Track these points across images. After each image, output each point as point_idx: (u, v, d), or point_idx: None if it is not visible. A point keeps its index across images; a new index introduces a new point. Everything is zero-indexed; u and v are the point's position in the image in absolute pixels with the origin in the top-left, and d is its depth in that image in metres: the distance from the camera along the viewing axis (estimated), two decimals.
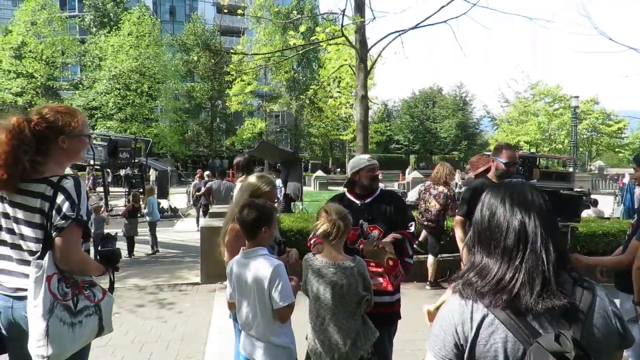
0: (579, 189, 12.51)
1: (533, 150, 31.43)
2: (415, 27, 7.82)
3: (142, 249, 9.14)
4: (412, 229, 2.95)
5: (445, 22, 7.78)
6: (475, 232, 1.29)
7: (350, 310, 2.17)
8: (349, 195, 3.01)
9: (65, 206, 1.84)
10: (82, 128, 2.03)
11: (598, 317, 1.14)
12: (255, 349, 2.31)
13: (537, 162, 5.96)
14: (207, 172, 14.21)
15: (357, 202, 2.92)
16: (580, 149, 35.24)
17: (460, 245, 4.09)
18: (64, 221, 1.82)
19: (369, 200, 2.92)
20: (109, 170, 20.51)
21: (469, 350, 1.15)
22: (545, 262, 1.16)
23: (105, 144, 12.23)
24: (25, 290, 1.85)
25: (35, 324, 1.78)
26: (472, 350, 1.15)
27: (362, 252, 2.65)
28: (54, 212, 1.84)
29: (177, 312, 5.21)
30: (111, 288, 2.14)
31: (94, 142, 12.78)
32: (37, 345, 1.78)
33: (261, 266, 2.24)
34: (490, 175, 3.99)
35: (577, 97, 25.38)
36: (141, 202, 9.57)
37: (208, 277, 6.24)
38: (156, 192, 11.76)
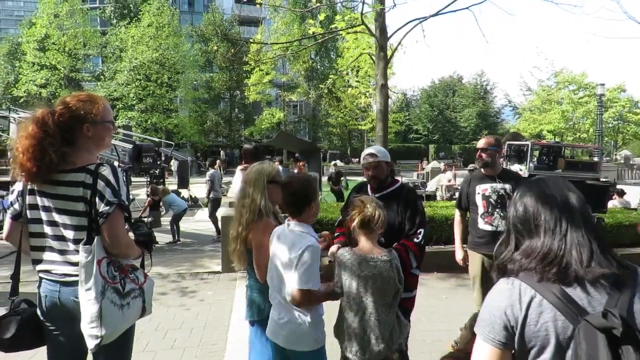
0: (604, 179, 12.20)
1: (558, 139, 30.70)
2: (437, 14, 7.69)
3: (162, 238, 9.29)
4: (420, 237, 2.72)
5: (467, 8, 7.62)
6: (513, 223, 1.32)
7: (389, 303, 2.16)
8: (368, 186, 3.02)
9: (107, 192, 1.89)
10: (104, 114, 2.05)
11: None
12: (279, 328, 2.24)
13: (562, 152, 5.81)
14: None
15: (371, 193, 2.91)
16: (606, 138, 34.29)
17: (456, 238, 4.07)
18: (108, 207, 1.87)
19: (381, 193, 2.86)
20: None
21: (520, 331, 1.17)
22: (588, 235, 1.21)
23: (129, 146, 12.40)
24: (73, 276, 1.91)
25: (88, 307, 1.85)
26: (523, 331, 1.17)
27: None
28: (97, 199, 1.88)
29: (199, 300, 5.30)
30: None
31: (117, 142, 12.95)
32: (90, 326, 1.85)
33: (298, 240, 2.18)
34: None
35: (603, 84, 24.60)
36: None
37: (229, 266, 6.29)
38: (176, 184, 11.89)
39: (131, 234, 2.18)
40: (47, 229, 1.96)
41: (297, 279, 2.11)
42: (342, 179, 14.22)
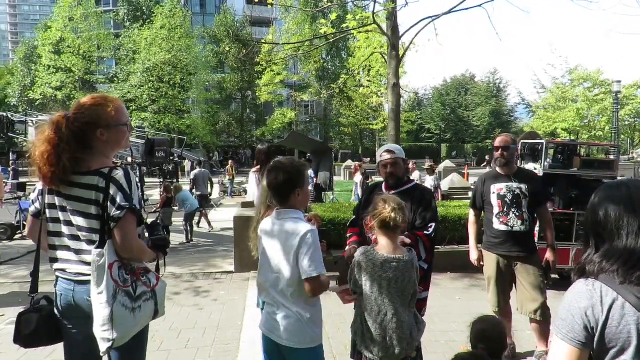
0: (621, 178, 11.97)
1: (573, 138, 30.27)
2: (449, 12, 7.63)
3: (176, 238, 9.37)
4: (432, 230, 2.78)
5: (480, 6, 7.56)
6: (593, 226, 1.32)
7: (407, 303, 2.18)
8: (383, 185, 3.05)
9: (119, 197, 1.90)
10: (118, 117, 2.04)
11: None
12: (277, 323, 2.12)
13: (578, 150, 5.69)
14: None
15: (386, 192, 2.92)
16: (622, 136, 33.71)
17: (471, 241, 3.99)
18: (119, 211, 1.89)
19: (396, 191, 2.88)
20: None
21: (600, 332, 1.19)
22: None
23: (142, 141, 12.59)
24: (87, 275, 1.94)
25: (100, 310, 1.87)
26: (603, 332, 1.18)
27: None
28: (109, 203, 1.90)
29: (212, 300, 5.33)
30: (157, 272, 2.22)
31: (130, 139, 13.15)
32: (102, 329, 1.87)
33: (293, 229, 2.08)
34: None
35: (619, 81, 24.10)
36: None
37: (242, 266, 6.33)
38: (189, 185, 12.06)
39: (146, 234, 2.20)
40: (64, 229, 2.00)
41: (306, 267, 2.00)
42: (367, 182, 14.08)
